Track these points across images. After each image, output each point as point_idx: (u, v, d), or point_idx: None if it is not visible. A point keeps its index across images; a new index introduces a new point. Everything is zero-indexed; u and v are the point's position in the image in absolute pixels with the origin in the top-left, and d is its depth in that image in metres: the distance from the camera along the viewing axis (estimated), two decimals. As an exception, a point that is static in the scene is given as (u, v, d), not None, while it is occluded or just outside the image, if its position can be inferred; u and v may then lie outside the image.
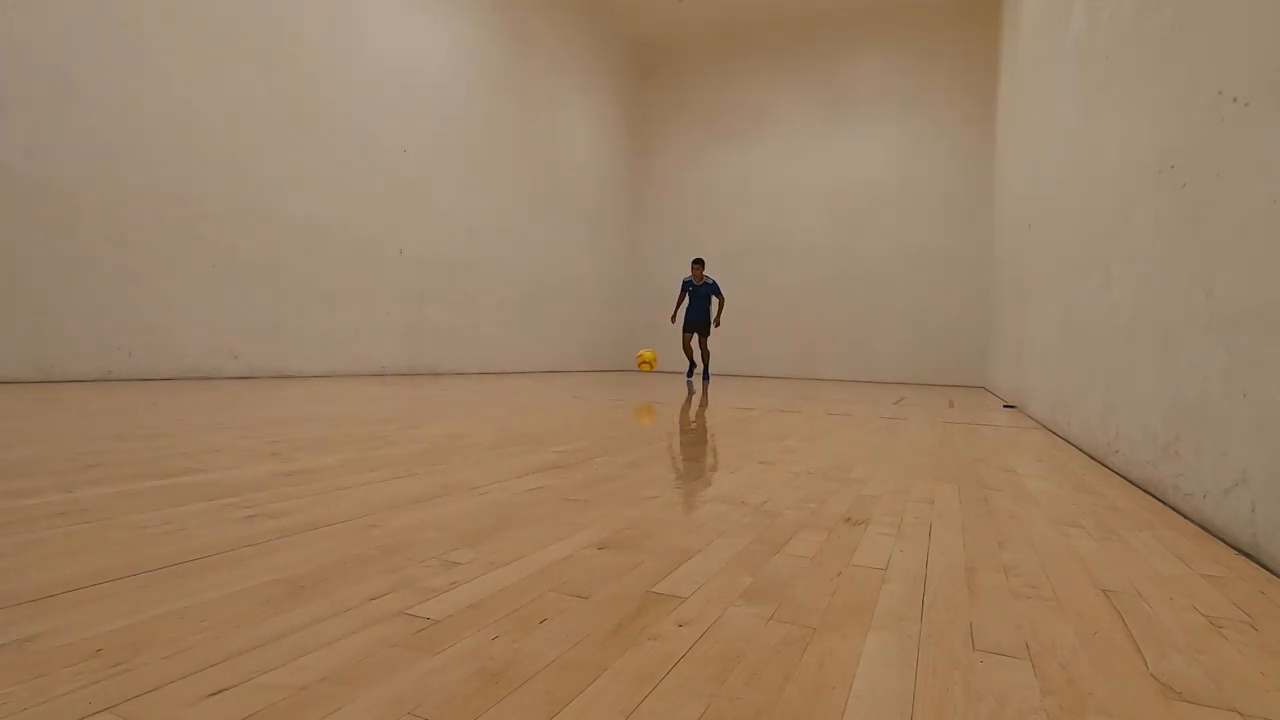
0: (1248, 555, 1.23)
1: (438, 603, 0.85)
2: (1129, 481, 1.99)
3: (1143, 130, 2.01)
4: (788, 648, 0.76)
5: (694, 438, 2.62)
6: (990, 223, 8.56)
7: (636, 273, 10.97)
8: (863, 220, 9.56)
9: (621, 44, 10.48)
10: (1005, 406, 5.01)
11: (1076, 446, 2.74)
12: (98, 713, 0.57)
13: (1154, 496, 1.77)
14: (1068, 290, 3.05)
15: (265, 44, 5.25)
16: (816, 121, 9.85)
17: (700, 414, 3.63)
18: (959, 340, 9.00)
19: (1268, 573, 1.13)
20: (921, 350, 9.21)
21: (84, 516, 1.18)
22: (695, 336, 7.28)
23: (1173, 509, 1.62)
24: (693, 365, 7.43)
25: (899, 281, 9.33)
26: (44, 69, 4.01)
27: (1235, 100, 1.38)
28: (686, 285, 7.23)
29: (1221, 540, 1.34)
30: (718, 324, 7.38)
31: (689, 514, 1.39)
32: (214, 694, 0.61)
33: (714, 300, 7.26)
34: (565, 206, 9.14)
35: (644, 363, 7.39)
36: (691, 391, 5.46)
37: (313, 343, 5.72)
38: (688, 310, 7.22)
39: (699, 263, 7.20)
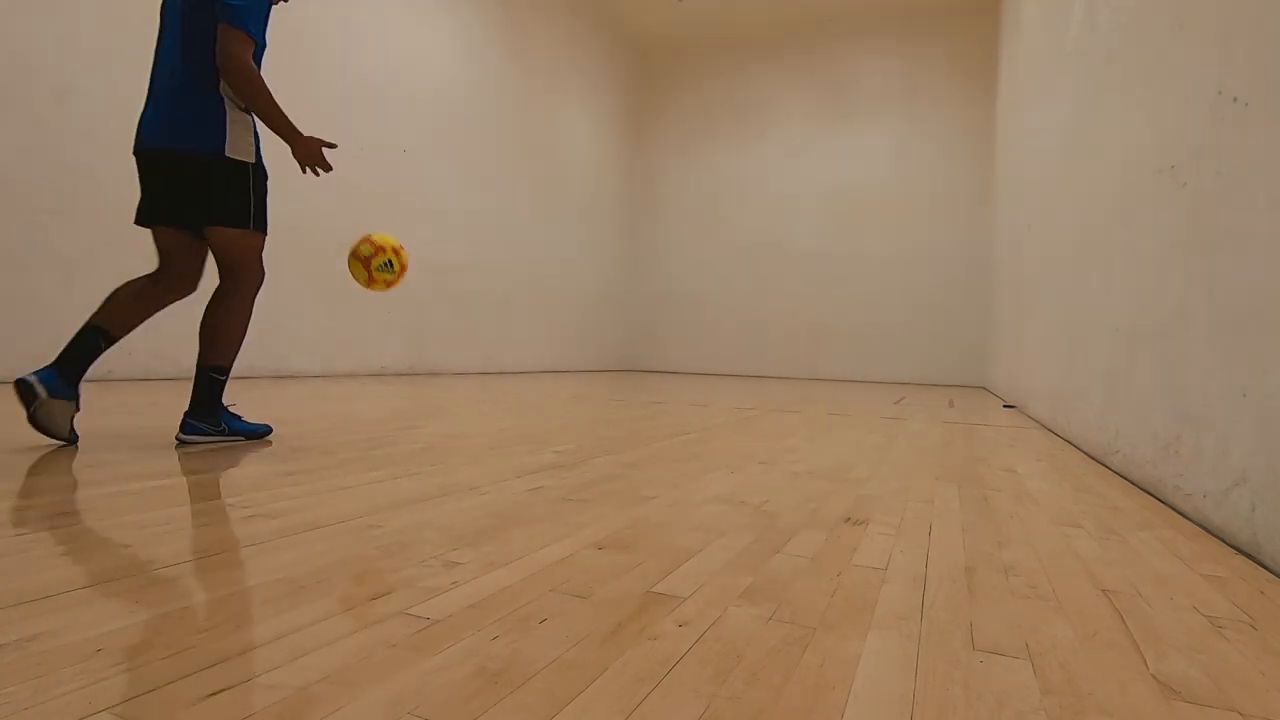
0: (1248, 555, 1.23)
1: (438, 603, 0.85)
2: (1129, 481, 1.99)
3: (1143, 130, 2.01)
4: (788, 648, 0.76)
5: (694, 438, 2.62)
6: (990, 223, 8.55)
7: (636, 273, 10.97)
8: (863, 220, 9.56)
9: (622, 44, 10.47)
10: (1005, 406, 5.01)
11: (1076, 446, 2.74)
12: (98, 713, 0.57)
13: (1154, 496, 1.77)
14: (1068, 290, 3.04)
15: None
16: (817, 121, 9.85)
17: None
18: (959, 340, 9.00)
19: (1268, 573, 1.13)
20: (921, 350, 9.20)
21: (83, 516, 1.18)
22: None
23: (1173, 509, 1.62)
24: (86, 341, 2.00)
25: (899, 281, 9.33)
26: (44, 69, 4.01)
27: (1235, 100, 1.38)
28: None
29: (1221, 540, 1.34)
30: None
31: (689, 514, 1.39)
32: (214, 694, 0.61)
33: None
34: (565, 206, 9.14)
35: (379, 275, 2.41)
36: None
37: (313, 343, 5.72)
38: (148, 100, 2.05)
39: None
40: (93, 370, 4.25)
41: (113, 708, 0.58)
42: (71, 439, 1.88)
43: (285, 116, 2.06)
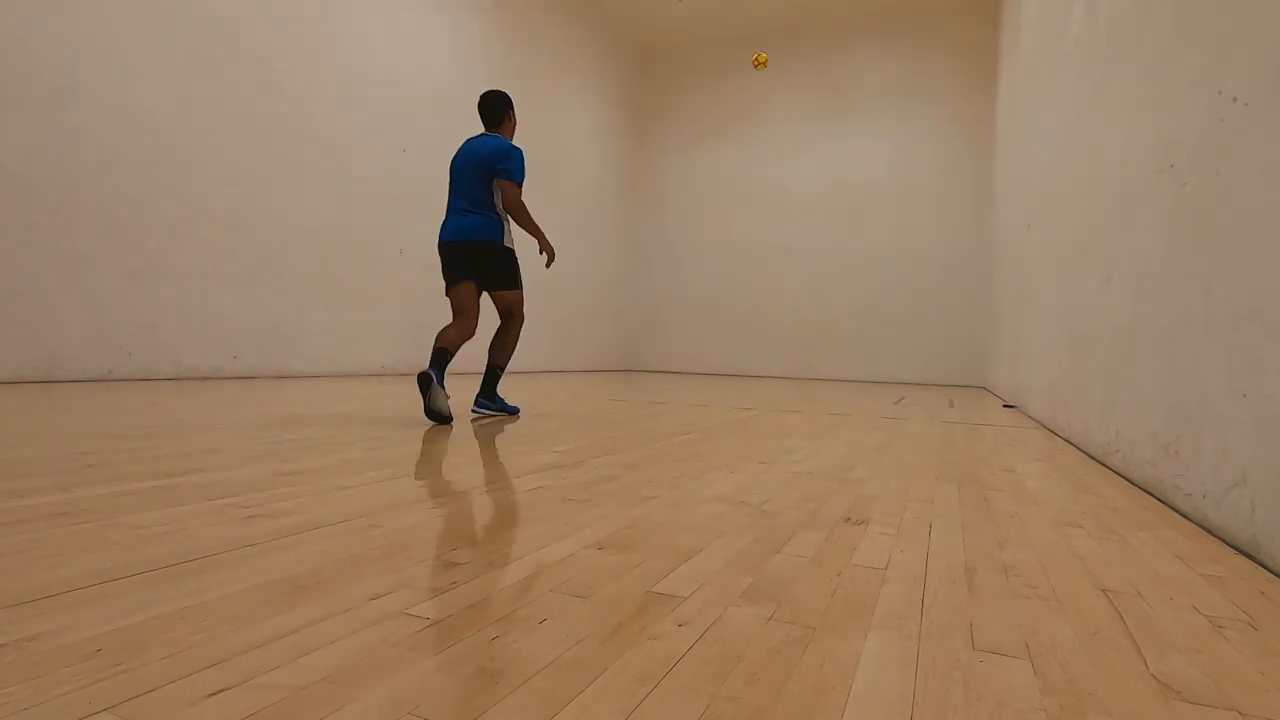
0: (1247, 555, 1.23)
1: (438, 603, 0.85)
2: (1129, 481, 1.99)
3: (1143, 130, 2.01)
4: (788, 648, 0.76)
5: (694, 438, 2.62)
6: (990, 223, 8.56)
7: (636, 273, 10.97)
8: (862, 220, 9.56)
9: (622, 44, 10.48)
10: (1005, 406, 5.01)
11: (1076, 446, 2.74)
12: (98, 713, 0.57)
13: (1154, 496, 1.77)
14: (1068, 290, 3.05)
15: (266, 44, 5.25)
16: (816, 121, 9.85)
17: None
18: (959, 340, 9.00)
19: (1268, 573, 1.13)
20: (921, 350, 9.20)
21: (84, 516, 1.18)
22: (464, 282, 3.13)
23: (1173, 509, 1.62)
24: (439, 356, 2.92)
25: (899, 281, 9.33)
26: (44, 69, 4.01)
27: (1235, 100, 1.38)
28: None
29: (1221, 540, 1.34)
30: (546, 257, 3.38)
31: (689, 514, 1.39)
32: (214, 694, 0.61)
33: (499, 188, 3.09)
34: (565, 206, 9.14)
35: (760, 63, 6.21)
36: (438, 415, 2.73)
37: (313, 343, 5.72)
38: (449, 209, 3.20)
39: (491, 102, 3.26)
40: (93, 370, 4.26)
41: (113, 708, 0.58)
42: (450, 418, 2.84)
43: (539, 228, 3.17)
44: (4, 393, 3.35)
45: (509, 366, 3.36)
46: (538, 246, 3.46)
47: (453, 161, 3.17)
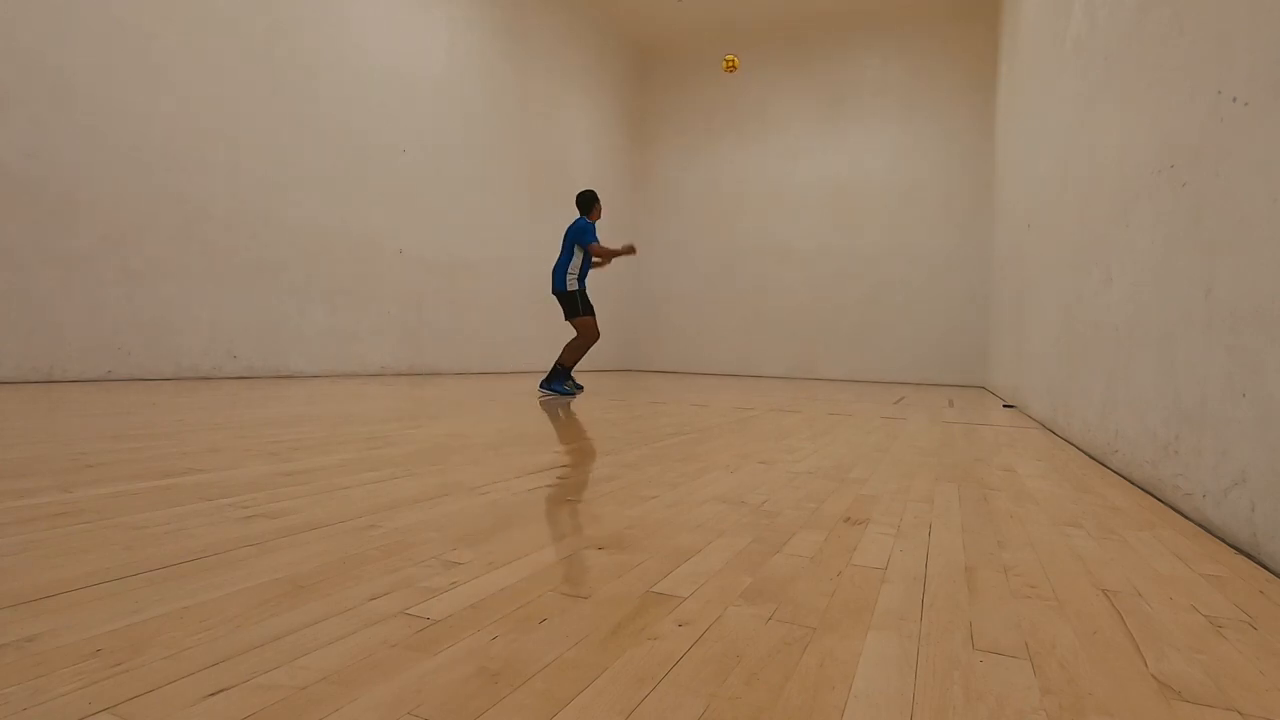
0: (1247, 555, 1.23)
1: (438, 603, 0.85)
2: (1129, 481, 1.99)
3: (1143, 130, 2.01)
4: (787, 648, 0.76)
5: (693, 438, 2.62)
6: (990, 223, 8.56)
7: (636, 273, 10.97)
8: (863, 220, 9.56)
9: (622, 44, 10.48)
10: (1005, 406, 5.01)
11: (1076, 446, 2.74)
12: (98, 713, 0.57)
13: (1154, 496, 1.77)
14: (1068, 290, 3.05)
15: (265, 44, 5.25)
16: (816, 121, 9.85)
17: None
18: (959, 340, 9.00)
19: (1267, 572, 1.13)
20: (921, 350, 9.20)
21: (83, 516, 1.18)
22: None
23: (1172, 509, 1.62)
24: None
25: (899, 281, 9.33)
26: (44, 69, 4.01)
27: (1235, 100, 1.38)
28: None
29: (1221, 540, 1.34)
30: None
31: (689, 514, 1.39)
32: (214, 694, 0.61)
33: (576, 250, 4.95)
34: (565, 206, 9.14)
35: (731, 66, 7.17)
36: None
37: (312, 343, 5.72)
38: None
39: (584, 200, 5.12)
40: (93, 370, 4.26)
41: (112, 708, 0.58)
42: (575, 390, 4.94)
43: (612, 254, 5.00)
44: (4, 393, 3.35)
45: (574, 367, 5.09)
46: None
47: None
